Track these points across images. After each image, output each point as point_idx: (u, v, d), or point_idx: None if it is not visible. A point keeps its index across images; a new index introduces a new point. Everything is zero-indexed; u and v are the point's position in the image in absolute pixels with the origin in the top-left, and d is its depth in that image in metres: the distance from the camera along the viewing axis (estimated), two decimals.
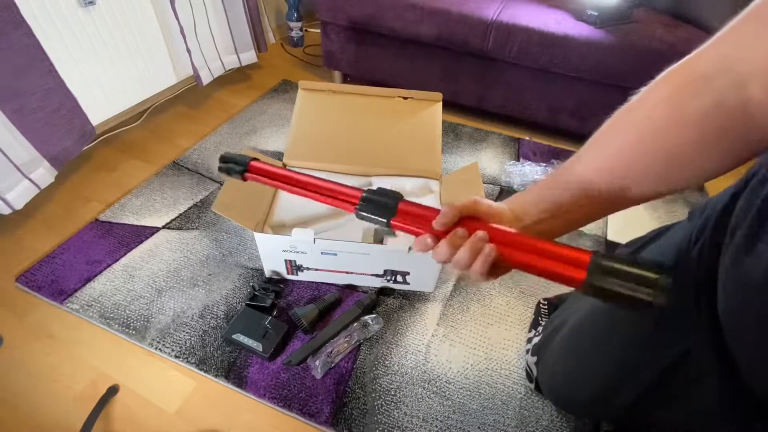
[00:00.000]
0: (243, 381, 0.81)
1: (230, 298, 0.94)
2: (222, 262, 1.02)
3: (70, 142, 1.12)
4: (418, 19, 1.37)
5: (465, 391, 0.82)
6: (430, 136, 1.10)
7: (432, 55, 1.47)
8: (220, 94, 1.63)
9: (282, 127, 1.47)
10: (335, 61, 1.66)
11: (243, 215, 0.87)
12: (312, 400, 0.79)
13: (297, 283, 0.98)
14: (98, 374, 0.81)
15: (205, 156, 1.32)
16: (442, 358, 0.87)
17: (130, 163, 1.29)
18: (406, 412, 0.78)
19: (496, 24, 1.30)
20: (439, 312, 0.95)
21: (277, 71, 1.81)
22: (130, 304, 0.91)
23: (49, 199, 1.14)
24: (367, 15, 1.44)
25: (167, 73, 1.41)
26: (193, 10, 1.35)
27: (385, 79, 1.60)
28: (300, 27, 1.97)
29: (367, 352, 0.87)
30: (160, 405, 0.78)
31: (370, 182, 1.08)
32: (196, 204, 1.16)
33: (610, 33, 1.25)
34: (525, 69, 1.37)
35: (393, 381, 0.83)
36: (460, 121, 1.57)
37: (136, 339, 0.86)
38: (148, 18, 1.27)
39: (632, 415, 0.63)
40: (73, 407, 0.77)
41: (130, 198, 1.16)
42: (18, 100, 0.97)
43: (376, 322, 0.89)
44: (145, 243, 1.04)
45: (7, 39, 0.91)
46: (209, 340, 0.86)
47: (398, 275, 0.94)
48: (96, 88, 1.21)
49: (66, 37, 1.09)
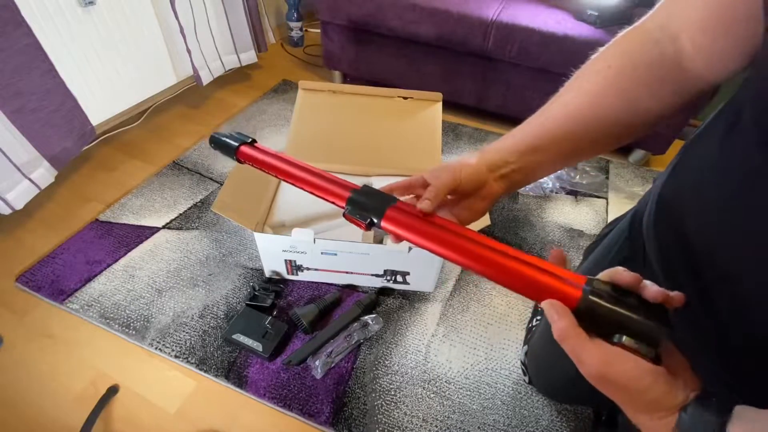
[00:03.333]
0: (243, 381, 0.81)
1: (230, 298, 0.94)
2: (222, 262, 1.02)
3: (70, 142, 1.12)
4: (418, 19, 1.37)
5: (465, 391, 0.82)
6: (430, 136, 1.10)
7: (432, 55, 1.47)
8: (220, 94, 1.63)
9: (282, 127, 1.47)
10: (335, 61, 1.66)
11: (243, 215, 0.87)
12: (312, 400, 0.79)
13: (297, 283, 0.98)
14: (98, 374, 0.81)
15: (205, 156, 1.32)
16: (442, 358, 0.87)
17: (130, 163, 1.29)
18: (406, 412, 0.78)
19: (496, 24, 1.30)
20: (439, 312, 0.95)
21: (277, 71, 1.81)
22: (130, 304, 0.91)
23: (49, 199, 1.14)
24: (367, 15, 1.44)
25: (167, 73, 1.41)
26: (193, 10, 1.35)
27: (385, 79, 1.60)
28: (300, 27, 1.97)
29: (367, 352, 0.87)
30: (160, 405, 0.78)
31: (370, 182, 1.08)
32: (196, 204, 1.16)
33: (610, 33, 1.25)
34: (525, 69, 1.37)
35: (393, 381, 0.83)
36: (460, 121, 1.57)
37: (136, 339, 0.86)
38: (148, 18, 1.27)
39: None
40: (73, 407, 0.77)
41: (130, 198, 1.16)
42: (18, 100, 0.97)
43: (376, 322, 0.89)
44: (145, 243, 1.04)
45: (7, 39, 0.91)
46: (209, 340, 0.86)
47: (398, 275, 0.94)
48: (96, 88, 1.21)
49: (66, 37, 1.09)
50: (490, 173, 0.43)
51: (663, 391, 0.28)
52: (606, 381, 0.29)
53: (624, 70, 0.41)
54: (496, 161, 0.43)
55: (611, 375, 0.29)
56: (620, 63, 0.42)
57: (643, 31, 0.42)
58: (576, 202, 1.27)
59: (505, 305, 0.97)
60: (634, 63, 0.41)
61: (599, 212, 1.24)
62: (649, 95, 0.41)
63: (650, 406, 0.29)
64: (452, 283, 1.01)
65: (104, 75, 1.21)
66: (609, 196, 1.30)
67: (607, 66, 0.43)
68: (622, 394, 0.30)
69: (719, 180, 0.38)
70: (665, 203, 0.46)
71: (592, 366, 0.29)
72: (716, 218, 0.38)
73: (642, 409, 0.30)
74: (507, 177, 0.43)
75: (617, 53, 0.43)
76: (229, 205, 0.85)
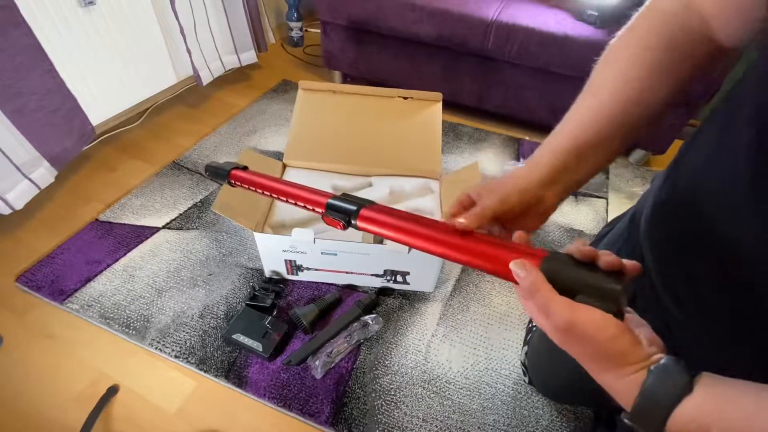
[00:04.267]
0: (243, 381, 0.81)
1: (230, 298, 0.94)
2: (222, 262, 1.02)
3: (70, 142, 1.12)
4: (418, 19, 1.37)
5: (465, 391, 0.82)
6: (430, 136, 1.10)
7: (432, 55, 1.47)
8: (220, 94, 1.63)
9: (282, 127, 1.47)
10: (335, 61, 1.66)
11: (243, 215, 0.87)
12: (312, 400, 0.79)
13: (297, 283, 0.98)
14: (98, 374, 0.81)
15: (205, 156, 1.32)
16: (442, 358, 0.87)
17: (130, 163, 1.29)
18: (406, 412, 0.78)
19: (496, 24, 1.30)
20: (439, 312, 0.95)
21: (277, 71, 1.81)
22: (130, 304, 0.91)
23: (49, 199, 1.14)
24: (367, 15, 1.44)
25: (167, 73, 1.41)
26: (193, 10, 1.35)
27: (385, 79, 1.60)
28: (300, 27, 1.97)
29: (367, 352, 0.87)
30: (160, 405, 0.78)
31: (370, 182, 1.08)
32: (196, 204, 1.16)
33: (610, 33, 1.25)
34: (525, 69, 1.37)
35: (393, 381, 0.83)
36: (460, 121, 1.57)
37: (136, 339, 0.86)
38: (148, 18, 1.27)
39: None
40: (73, 407, 0.77)
41: (130, 198, 1.16)
42: (18, 100, 0.97)
43: (376, 322, 0.89)
44: (145, 243, 1.04)
45: (7, 39, 0.91)
46: (209, 340, 0.86)
47: (398, 275, 0.94)
48: (96, 88, 1.21)
49: (66, 37, 1.09)
50: (547, 189, 0.39)
51: (628, 343, 0.28)
52: (572, 332, 0.29)
53: (660, 46, 0.40)
54: (551, 174, 0.39)
55: (578, 324, 0.28)
56: (657, 42, 0.40)
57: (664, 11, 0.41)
58: (576, 202, 1.27)
59: (505, 305, 0.97)
60: (668, 40, 0.40)
61: (599, 212, 1.24)
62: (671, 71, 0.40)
63: (616, 360, 0.29)
64: (452, 283, 1.01)
65: (104, 75, 1.21)
66: (609, 196, 1.30)
67: (645, 47, 0.41)
68: (588, 348, 0.29)
69: (717, 181, 0.38)
70: (662, 206, 0.46)
71: (561, 315, 0.29)
72: (716, 219, 0.38)
73: (608, 364, 0.29)
74: (564, 184, 0.40)
75: (646, 32, 0.41)
76: (230, 206, 0.85)
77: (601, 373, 0.30)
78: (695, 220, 0.40)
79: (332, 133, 1.12)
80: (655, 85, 0.40)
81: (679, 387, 0.27)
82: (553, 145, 0.41)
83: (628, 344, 0.28)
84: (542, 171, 0.39)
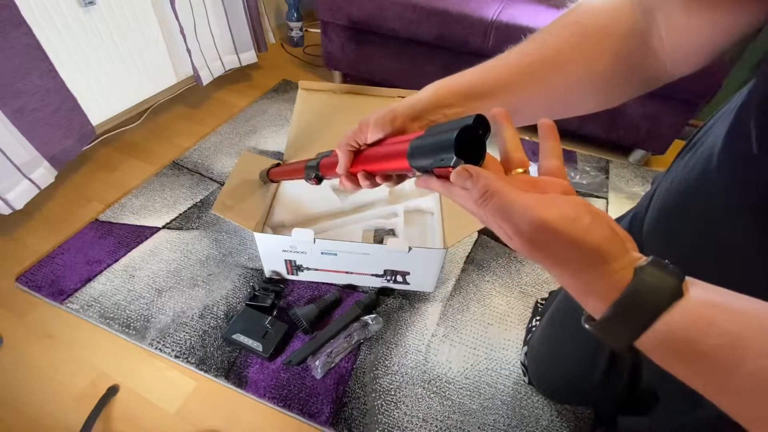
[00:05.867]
0: (243, 381, 0.81)
1: (230, 298, 0.94)
2: (222, 262, 1.02)
3: (70, 142, 1.12)
4: (418, 19, 1.37)
5: (465, 391, 0.82)
6: None
7: (432, 55, 1.47)
8: (220, 94, 1.63)
9: (282, 127, 1.47)
10: (335, 61, 1.66)
11: (243, 215, 0.87)
12: (312, 400, 0.79)
13: (297, 283, 0.98)
14: (98, 374, 0.81)
15: (205, 156, 1.32)
16: (442, 358, 0.87)
17: (130, 163, 1.29)
18: (406, 412, 0.78)
19: (496, 24, 1.30)
20: (439, 312, 0.95)
21: (277, 71, 1.81)
22: (130, 304, 0.91)
23: (49, 199, 1.14)
24: (367, 15, 1.44)
25: (167, 73, 1.41)
26: (193, 10, 1.35)
27: (385, 79, 1.60)
28: (300, 27, 1.97)
29: (367, 352, 0.87)
30: (160, 405, 0.78)
31: None
32: (196, 204, 1.16)
33: None
34: None
35: (393, 381, 0.83)
36: None
37: (136, 339, 0.86)
38: (148, 18, 1.27)
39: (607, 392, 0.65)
40: (73, 407, 0.77)
41: (130, 198, 1.16)
42: (18, 100, 0.97)
43: (376, 322, 0.89)
44: (145, 243, 1.04)
45: (7, 39, 0.91)
46: (209, 340, 0.86)
47: (398, 275, 0.94)
48: (96, 88, 1.21)
49: (66, 37, 1.08)
50: (427, 113, 0.40)
51: (606, 234, 0.25)
52: (545, 230, 0.25)
53: (592, 31, 0.39)
54: (433, 102, 0.40)
55: (550, 220, 0.25)
56: (591, 22, 0.39)
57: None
58: None
59: (505, 305, 0.97)
60: (605, 29, 0.38)
61: None
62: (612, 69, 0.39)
63: (595, 256, 0.25)
64: (452, 283, 1.01)
65: (104, 75, 1.21)
66: (609, 196, 1.30)
67: (574, 22, 0.40)
68: (563, 247, 0.25)
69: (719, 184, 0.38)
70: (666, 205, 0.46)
71: (524, 215, 0.25)
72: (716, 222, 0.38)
73: (586, 262, 0.25)
74: (427, 122, 0.41)
75: (591, 10, 0.40)
76: (229, 206, 0.85)
77: (578, 274, 0.26)
78: (698, 222, 0.40)
79: (332, 133, 1.12)
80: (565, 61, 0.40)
81: (671, 291, 0.24)
82: (452, 81, 0.42)
83: (606, 236, 0.25)
84: (427, 98, 0.40)
